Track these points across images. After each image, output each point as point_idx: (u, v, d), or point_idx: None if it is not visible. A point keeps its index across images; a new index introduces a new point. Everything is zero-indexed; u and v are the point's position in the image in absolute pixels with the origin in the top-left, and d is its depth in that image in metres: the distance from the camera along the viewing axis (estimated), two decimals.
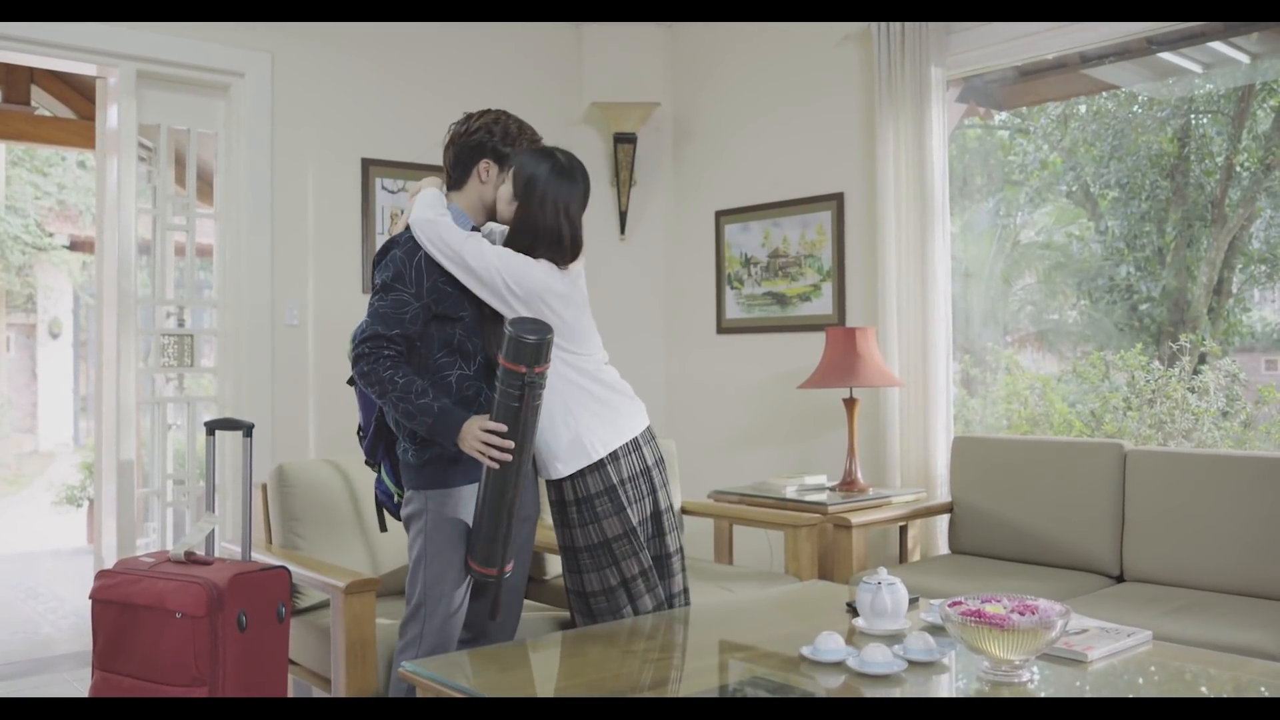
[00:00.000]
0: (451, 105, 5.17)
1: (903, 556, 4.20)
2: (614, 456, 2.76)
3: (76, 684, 4.15)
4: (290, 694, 3.16)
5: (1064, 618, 2.18)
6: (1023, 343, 6.23)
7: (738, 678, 2.37)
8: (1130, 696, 2.19)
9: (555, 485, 2.80)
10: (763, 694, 2.21)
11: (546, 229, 2.75)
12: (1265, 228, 5.30)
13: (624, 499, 2.75)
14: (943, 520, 4.30)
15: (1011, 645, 2.14)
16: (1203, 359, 5.10)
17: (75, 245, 12.18)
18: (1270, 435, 4.65)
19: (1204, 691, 2.24)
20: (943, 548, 4.31)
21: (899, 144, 4.46)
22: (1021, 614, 2.18)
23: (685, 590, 2.91)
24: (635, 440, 2.81)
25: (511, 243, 2.76)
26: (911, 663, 2.28)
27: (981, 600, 2.27)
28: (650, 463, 2.83)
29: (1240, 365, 5.05)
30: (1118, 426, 4.91)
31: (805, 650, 2.36)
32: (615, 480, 2.75)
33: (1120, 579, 3.64)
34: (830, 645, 2.33)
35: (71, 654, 4.63)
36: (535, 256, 2.74)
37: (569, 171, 2.80)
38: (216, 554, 3.05)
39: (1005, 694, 2.13)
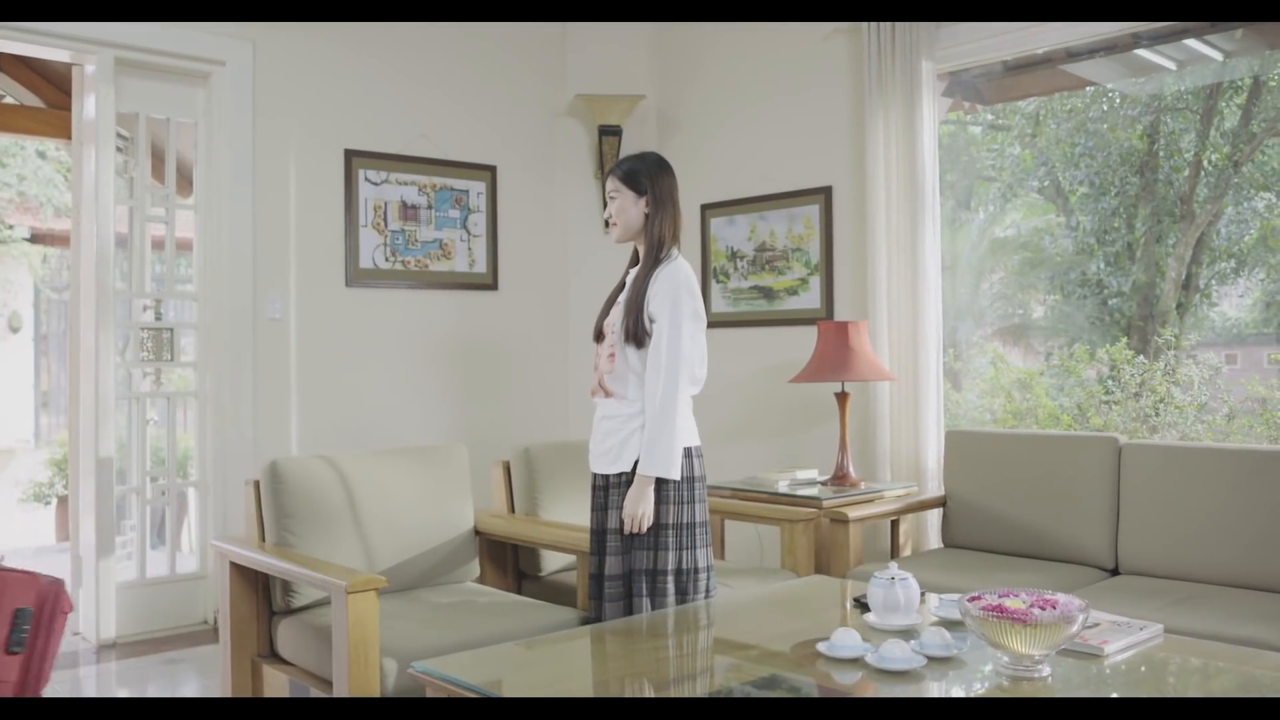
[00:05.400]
0: (436, 96, 5.14)
1: (894, 551, 4.20)
2: (700, 452, 2.98)
3: (56, 685, 4.06)
4: (288, 694, 3.10)
5: (1084, 612, 2.17)
6: (993, 337, 6.27)
7: (756, 675, 2.34)
8: (1167, 695, 2.19)
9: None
10: (783, 693, 2.19)
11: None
12: (1229, 224, 5.35)
13: (702, 493, 2.96)
14: (933, 514, 4.31)
15: (1033, 640, 2.14)
16: (1167, 349, 5.16)
17: (36, 238, 11.90)
18: (1252, 429, 4.71)
19: (1225, 686, 2.24)
20: (933, 542, 4.32)
21: (889, 138, 4.45)
22: (1042, 609, 2.17)
23: None
24: (700, 447, 3.01)
25: (657, 246, 2.96)
26: (930, 658, 2.27)
27: (999, 595, 2.27)
28: (704, 473, 3.01)
29: (1201, 359, 5.11)
30: (1103, 420, 4.95)
31: (822, 646, 2.34)
32: (701, 473, 2.97)
33: (1115, 572, 3.66)
34: (847, 641, 2.32)
35: None
36: (672, 252, 2.97)
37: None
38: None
39: (1026, 689, 2.12)
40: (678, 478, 2.86)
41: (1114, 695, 2.15)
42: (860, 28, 4.57)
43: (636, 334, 2.88)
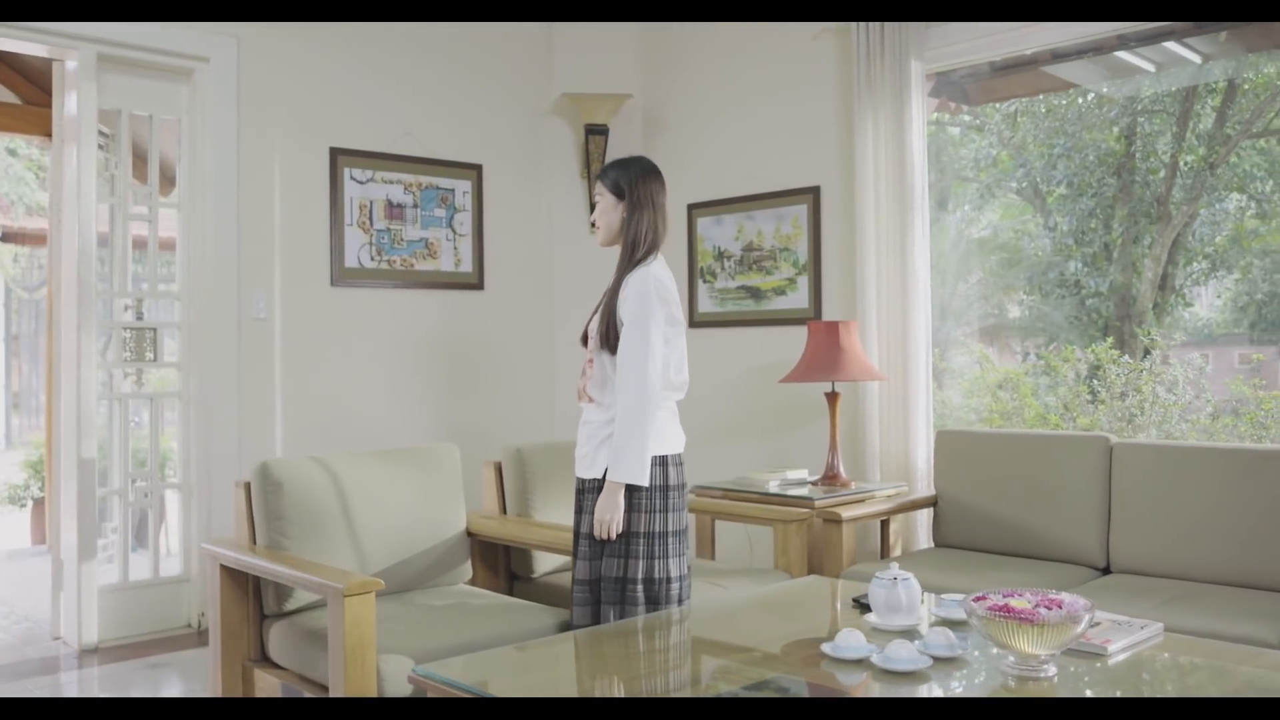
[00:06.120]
0: (421, 93, 5.10)
1: (884, 551, 4.20)
2: (679, 460, 2.90)
3: (37, 691, 3.99)
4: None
5: (1089, 611, 2.18)
6: (970, 336, 6.30)
7: (760, 677, 2.33)
8: (1172, 694, 2.19)
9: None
10: (781, 694, 2.18)
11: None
12: (1203, 225, 5.40)
13: (679, 501, 2.88)
14: (923, 514, 4.31)
15: (1040, 640, 2.13)
16: (1147, 352, 5.20)
17: (7, 236, 11.75)
18: (1235, 428, 4.74)
19: (1229, 685, 2.25)
20: (923, 541, 4.33)
21: (878, 137, 4.45)
22: (1047, 608, 2.17)
23: None
24: (681, 455, 2.93)
25: (631, 249, 2.89)
26: (934, 659, 2.26)
27: (1003, 595, 2.26)
28: (686, 481, 2.95)
29: (1181, 358, 5.15)
30: (1090, 419, 4.97)
31: (826, 647, 2.33)
32: (677, 481, 2.88)
33: (1106, 571, 3.67)
34: (851, 642, 2.31)
35: (31, 659, 4.45)
36: (646, 258, 2.90)
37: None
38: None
39: (1032, 689, 2.12)
40: (646, 485, 2.79)
41: (1120, 695, 2.15)
42: (849, 28, 4.57)
43: (610, 340, 2.83)
